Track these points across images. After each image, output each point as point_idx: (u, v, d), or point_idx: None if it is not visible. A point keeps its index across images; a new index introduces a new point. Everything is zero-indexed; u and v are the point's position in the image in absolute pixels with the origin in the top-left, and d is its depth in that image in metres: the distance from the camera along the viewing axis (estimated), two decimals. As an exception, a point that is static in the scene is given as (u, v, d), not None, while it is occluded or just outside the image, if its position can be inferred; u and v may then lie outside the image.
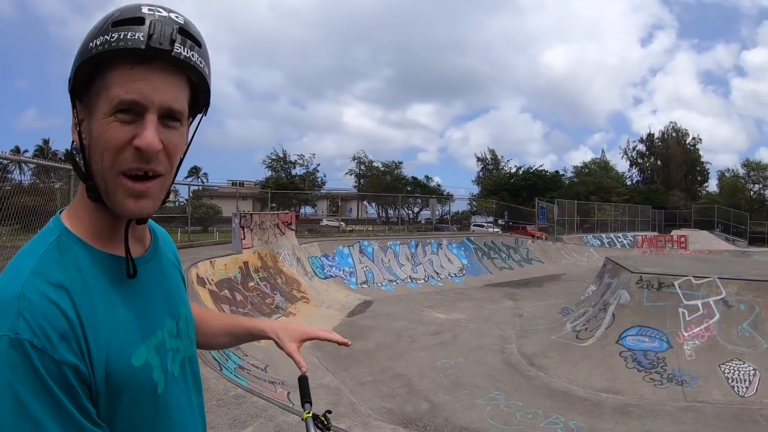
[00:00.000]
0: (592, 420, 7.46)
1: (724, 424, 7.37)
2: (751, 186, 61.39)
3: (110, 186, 1.00)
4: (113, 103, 0.96)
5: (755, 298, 9.59)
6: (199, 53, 1.04)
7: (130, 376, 1.01)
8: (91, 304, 0.99)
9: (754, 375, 8.55)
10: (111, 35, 0.96)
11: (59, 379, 0.89)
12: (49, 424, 0.86)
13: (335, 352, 9.67)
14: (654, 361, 9.10)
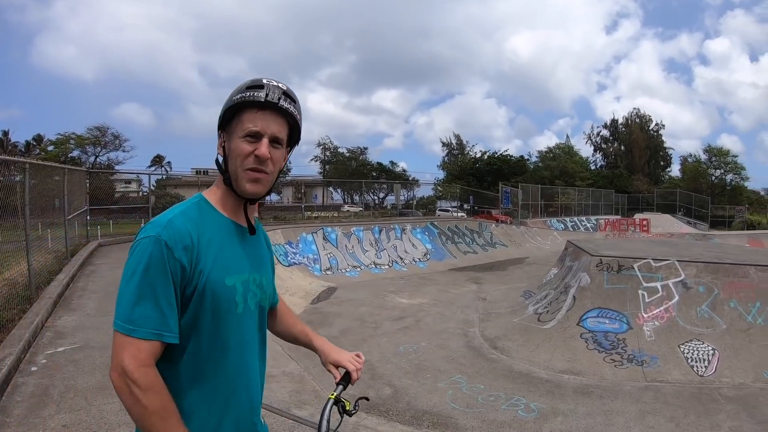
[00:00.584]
0: (552, 401, 7.62)
1: (683, 402, 7.60)
2: (713, 171, 62.99)
3: (239, 176, 1.76)
4: (245, 131, 1.74)
5: (714, 280, 9.88)
6: (294, 107, 1.82)
7: (222, 288, 1.70)
8: (209, 240, 1.70)
9: (713, 355, 8.85)
10: (246, 93, 1.75)
11: (173, 268, 1.59)
12: (159, 289, 1.56)
13: None
14: (614, 343, 9.33)
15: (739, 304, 9.56)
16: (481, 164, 59.79)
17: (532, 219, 36.38)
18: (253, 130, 1.73)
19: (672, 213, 48.26)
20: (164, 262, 1.57)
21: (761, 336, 9.06)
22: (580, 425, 6.81)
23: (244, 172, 1.75)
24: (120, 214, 25.38)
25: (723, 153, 63.34)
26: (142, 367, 1.53)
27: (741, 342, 9.02)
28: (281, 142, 1.81)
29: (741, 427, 6.79)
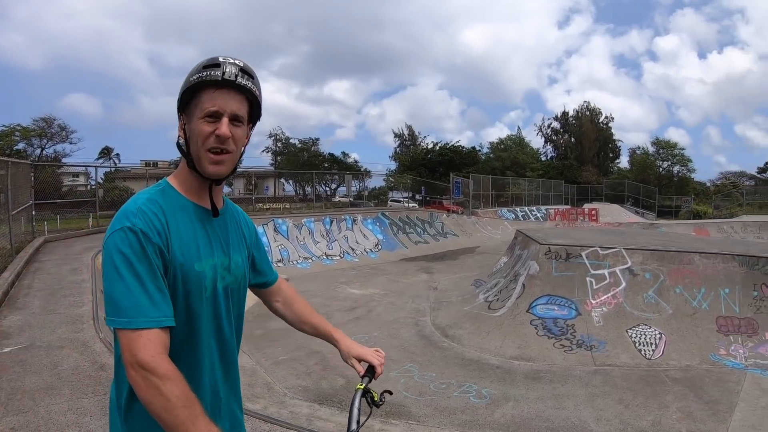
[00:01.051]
0: (504, 386, 7.74)
1: (631, 385, 7.82)
2: (660, 163, 64.68)
3: (201, 158, 1.74)
4: (204, 111, 1.71)
5: (660, 267, 10.19)
6: (252, 83, 1.80)
7: (192, 274, 1.70)
8: (177, 225, 1.71)
9: (660, 339, 9.14)
10: (203, 73, 1.72)
11: (152, 252, 1.58)
12: (144, 276, 1.54)
13: (249, 333, 9.55)
14: (563, 328, 9.53)
15: (684, 290, 9.89)
16: (433, 155, 60.03)
17: (483, 209, 36.75)
18: (211, 110, 1.71)
19: (620, 203, 49.36)
20: (143, 249, 1.57)
21: (706, 320, 9.40)
22: (531, 410, 6.94)
23: (206, 153, 1.73)
24: (67, 208, 24.55)
25: (671, 146, 65.22)
26: (156, 356, 1.49)
27: (687, 326, 9.34)
28: (242, 120, 1.79)
29: (688, 408, 7.02)
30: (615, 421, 6.62)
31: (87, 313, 7.08)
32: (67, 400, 4.46)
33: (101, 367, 5.32)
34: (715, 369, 8.45)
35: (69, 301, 7.68)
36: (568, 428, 6.43)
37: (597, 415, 6.77)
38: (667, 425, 6.52)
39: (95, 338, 6.16)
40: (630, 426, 6.48)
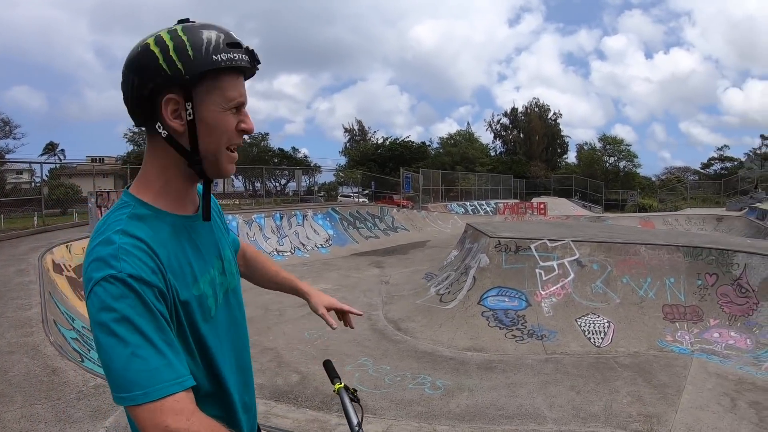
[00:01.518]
0: (458, 377, 7.86)
1: (582, 372, 8.06)
2: (607, 158, 66.19)
3: (220, 157, 1.45)
4: (231, 102, 1.42)
5: (607, 258, 10.53)
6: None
7: (192, 300, 1.43)
8: (167, 254, 1.38)
9: (608, 327, 9.44)
10: (231, 54, 1.38)
11: (153, 299, 1.27)
12: (149, 332, 1.23)
13: None
14: (514, 319, 9.74)
15: (631, 280, 10.24)
16: (383, 150, 60.29)
17: (433, 203, 37.06)
18: (240, 101, 1.44)
19: (568, 197, 50.48)
20: (140, 298, 1.24)
21: (653, 308, 9.77)
22: (486, 399, 7.08)
23: (226, 151, 1.46)
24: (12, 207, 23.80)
25: (617, 142, 66.88)
26: (190, 417, 1.24)
27: (634, 314, 9.68)
28: None
29: (638, 392, 7.28)
30: (567, 407, 6.82)
31: (36, 316, 6.87)
32: (20, 407, 4.36)
33: (53, 371, 5.21)
34: (662, 355, 8.77)
35: (16, 304, 7.42)
36: (522, 415, 6.58)
37: (550, 402, 6.95)
38: (618, 409, 6.75)
39: (45, 342, 6.00)
40: (582, 411, 6.69)
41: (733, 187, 53.24)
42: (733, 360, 8.55)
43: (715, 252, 10.30)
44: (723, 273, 10.01)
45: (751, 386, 7.60)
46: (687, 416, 6.56)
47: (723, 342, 9.02)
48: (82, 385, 4.95)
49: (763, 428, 6.36)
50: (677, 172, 71.90)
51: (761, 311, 9.23)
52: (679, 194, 57.33)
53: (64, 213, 26.32)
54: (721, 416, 6.60)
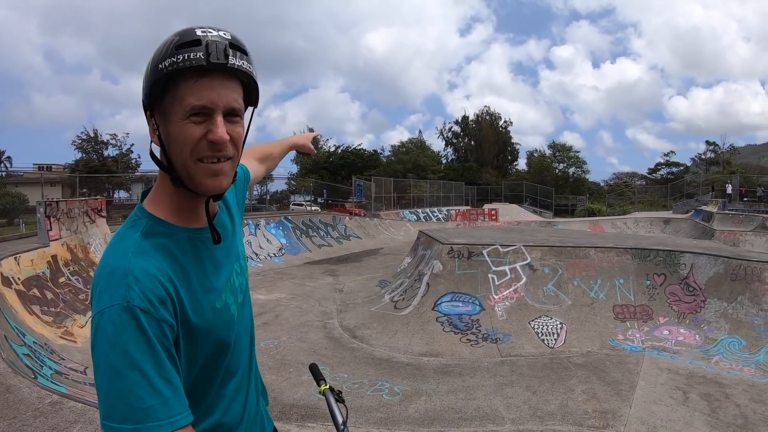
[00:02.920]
0: (415, 383, 7.94)
1: (537, 373, 8.26)
2: (557, 165, 67.61)
3: (191, 172, 1.33)
4: (187, 109, 1.28)
5: (558, 262, 10.82)
6: (247, 60, 1.36)
7: (216, 315, 1.44)
8: (184, 274, 1.37)
9: (561, 328, 9.70)
10: (176, 57, 1.26)
11: (158, 333, 1.23)
12: (149, 369, 1.19)
13: None
14: (469, 324, 9.90)
15: (582, 282, 10.54)
16: (335, 158, 60.20)
17: (386, 211, 37.18)
18: (197, 105, 1.29)
19: (519, 203, 51.21)
20: (145, 332, 1.21)
21: (604, 308, 10.08)
22: (444, 402, 7.18)
23: (197, 164, 1.33)
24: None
25: (566, 149, 68.44)
26: None
27: (586, 315, 9.96)
28: (239, 113, 1.38)
29: (593, 389, 7.53)
30: (524, 407, 6.97)
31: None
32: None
33: (7, 389, 5.13)
34: (614, 353, 9.07)
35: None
36: (481, 417, 6.71)
37: (507, 403, 7.10)
38: (574, 407, 6.94)
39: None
40: (539, 410, 6.85)
41: (679, 190, 54.81)
42: (683, 355, 8.91)
43: (663, 253, 10.69)
44: (671, 273, 10.39)
45: (702, 379, 7.96)
46: (641, 410, 6.81)
47: (673, 339, 9.37)
48: (38, 403, 4.88)
49: (715, 418, 6.65)
50: (625, 177, 73.71)
51: (708, 308, 9.63)
52: (627, 198, 58.80)
53: (10, 223, 25.75)
54: (674, 409, 6.88)
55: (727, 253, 10.76)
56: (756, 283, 9.55)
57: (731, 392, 7.52)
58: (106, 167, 47.20)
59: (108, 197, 34.25)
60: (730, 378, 8.09)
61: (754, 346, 8.83)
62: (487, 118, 73.51)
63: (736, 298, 9.54)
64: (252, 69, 1.38)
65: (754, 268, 9.70)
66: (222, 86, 1.31)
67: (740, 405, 7.09)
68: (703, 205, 39.46)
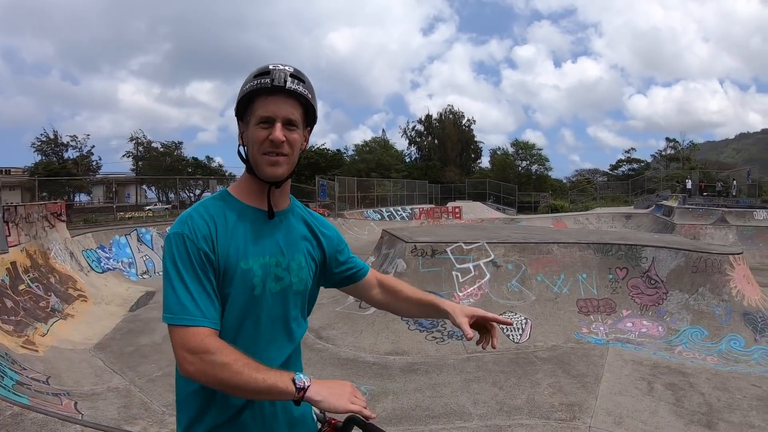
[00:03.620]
0: (382, 382, 7.93)
1: (504, 368, 8.31)
2: (520, 162, 68.33)
3: (258, 161, 1.90)
4: (258, 118, 1.87)
5: (521, 258, 10.91)
6: (303, 86, 1.91)
7: (238, 272, 1.85)
8: (225, 227, 1.87)
9: (525, 323, 9.78)
10: (254, 81, 1.87)
11: (197, 256, 1.78)
12: (188, 278, 1.75)
13: (120, 351, 9.15)
14: (434, 321, 9.88)
15: (545, 278, 10.65)
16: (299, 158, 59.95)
17: (350, 210, 37.14)
18: (264, 116, 1.86)
19: (482, 200, 51.63)
20: (189, 254, 1.77)
21: (568, 303, 10.21)
22: (411, 400, 7.17)
23: (262, 157, 1.89)
24: None
25: (529, 147, 69.28)
26: (204, 339, 1.70)
27: (550, 310, 10.08)
28: (296, 124, 1.91)
29: (559, 383, 7.61)
30: (491, 402, 7.01)
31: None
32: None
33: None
34: (579, 346, 9.20)
35: None
36: (448, 414, 6.72)
37: (474, 399, 7.13)
38: (541, 400, 7.01)
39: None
40: (506, 405, 6.90)
41: (640, 186, 55.84)
42: (647, 347, 9.07)
43: (625, 247, 10.86)
44: (632, 266, 10.57)
45: (666, 369, 8.12)
46: (607, 402, 6.91)
47: (636, 330, 9.53)
48: (-1, 415, 4.76)
49: (680, 407, 6.79)
50: (587, 173, 74.95)
51: (670, 300, 9.82)
52: (589, 195, 59.82)
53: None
54: (639, 399, 7.00)
55: (687, 246, 10.99)
56: (716, 275, 9.77)
57: (695, 381, 7.69)
58: (66, 170, 46.20)
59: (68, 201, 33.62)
60: (694, 367, 8.28)
61: (716, 336, 9.05)
62: (451, 116, 73.89)
63: (697, 289, 9.75)
64: (307, 93, 1.92)
65: (714, 260, 9.93)
66: (283, 103, 1.87)
67: (704, 393, 7.26)
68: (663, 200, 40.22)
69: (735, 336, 8.99)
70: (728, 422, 6.42)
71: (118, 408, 6.61)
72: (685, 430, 6.20)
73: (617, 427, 6.24)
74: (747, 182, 48.08)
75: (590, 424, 6.33)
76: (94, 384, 7.60)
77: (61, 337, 9.48)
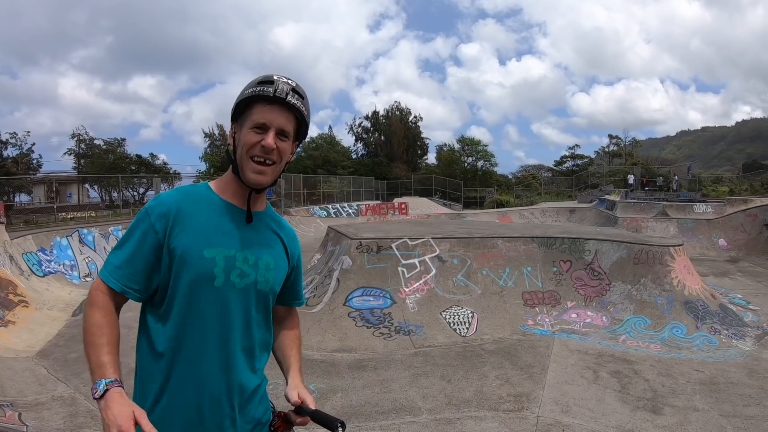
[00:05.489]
0: (330, 380, 7.89)
1: (451, 362, 8.38)
2: (466, 158, 69.09)
3: (244, 164, 1.99)
4: (254, 122, 1.97)
5: (466, 253, 11.03)
6: (302, 103, 2.03)
7: (198, 259, 1.95)
8: (192, 213, 1.99)
9: (472, 317, 9.89)
10: (257, 88, 1.97)
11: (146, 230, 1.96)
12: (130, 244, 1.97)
13: (63, 358, 8.74)
14: (381, 317, 9.94)
15: (491, 272, 10.81)
16: (245, 155, 59.24)
17: (296, 207, 36.92)
18: (260, 122, 1.96)
19: (429, 196, 52.05)
20: (140, 225, 1.97)
21: (513, 296, 10.37)
22: (360, 397, 7.15)
23: (249, 161, 1.99)
24: None
25: (475, 143, 70.16)
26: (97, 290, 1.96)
27: (496, 303, 10.21)
28: (288, 135, 2.04)
29: (506, 374, 7.72)
30: (440, 396, 7.05)
31: None
32: None
33: None
34: (525, 338, 9.34)
35: None
36: (398, 409, 6.72)
37: (423, 393, 7.15)
38: (489, 392, 7.08)
39: None
40: (455, 398, 6.94)
41: (584, 181, 57.08)
42: (591, 336, 9.28)
43: (568, 241, 11.09)
44: (576, 259, 10.80)
45: (611, 358, 8.33)
46: (554, 391, 7.03)
47: (581, 321, 9.74)
48: None
49: (625, 394, 6.97)
50: (532, 169, 76.12)
51: (613, 291, 10.08)
52: (534, 190, 60.84)
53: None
54: (585, 388, 7.15)
55: (629, 238, 11.28)
56: (658, 266, 10.06)
57: (639, 368, 7.90)
58: (6, 169, 44.60)
59: (8, 201, 32.53)
60: (638, 355, 8.50)
61: (658, 324, 9.32)
62: (397, 113, 74.13)
63: (640, 280, 10.02)
64: (304, 109, 2.04)
65: (655, 252, 10.21)
66: (279, 113, 1.98)
67: (649, 380, 7.46)
68: (606, 194, 41.18)
69: (677, 324, 9.28)
70: (673, 407, 6.61)
71: (63, 417, 6.42)
72: (632, 415, 6.35)
73: (565, 416, 6.35)
74: (687, 177, 49.76)
75: (538, 413, 6.42)
76: (38, 393, 7.36)
77: (3, 345, 9.16)
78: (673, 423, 6.19)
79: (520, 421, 6.27)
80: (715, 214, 25.77)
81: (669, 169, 56.87)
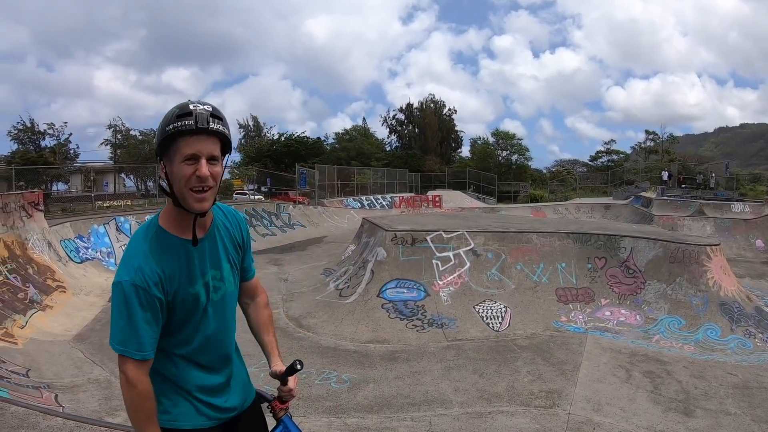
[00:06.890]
0: (362, 370, 7.97)
1: (484, 356, 8.41)
2: (500, 152, 68.43)
3: (185, 196, 2.06)
4: (183, 155, 2.01)
5: (501, 247, 11.01)
6: (222, 124, 2.09)
7: (189, 295, 2.17)
8: (171, 267, 2.12)
9: (505, 312, 9.89)
10: (177, 123, 2.00)
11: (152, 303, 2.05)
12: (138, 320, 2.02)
13: (99, 342, 9.00)
14: (414, 310, 9.99)
15: (525, 267, 10.77)
16: (279, 146, 59.25)
17: (330, 199, 36.96)
18: (189, 154, 2.01)
19: (462, 190, 51.66)
20: (141, 300, 2.02)
21: (547, 292, 10.33)
22: (392, 388, 7.23)
23: (189, 191, 2.05)
24: None
25: (509, 137, 69.35)
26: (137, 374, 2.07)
27: (530, 298, 10.19)
28: (217, 158, 2.10)
29: (538, 370, 7.73)
30: (472, 389, 7.09)
31: None
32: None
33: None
34: (558, 335, 9.32)
35: None
36: (429, 402, 6.78)
37: (455, 386, 7.20)
38: (521, 387, 7.11)
39: None
40: (486, 392, 6.98)
41: (619, 177, 56.24)
42: (625, 335, 9.22)
43: (603, 237, 11.00)
44: (611, 256, 10.71)
45: (644, 358, 8.27)
46: (586, 389, 7.02)
47: (615, 319, 9.67)
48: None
49: (657, 394, 6.92)
50: (567, 164, 75.24)
51: (648, 289, 9.97)
52: (568, 185, 60.15)
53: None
54: (618, 387, 7.13)
55: (665, 236, 11.17)
56: (694, 265, 9.93)
57: (672, 369, 7.85)
58: (44, 158, 45.44)
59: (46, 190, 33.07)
60: (671, 356, 8.44)
61: (693, 325, 9.21)
62: (431, 105, 73.78)
63: (675, 279, 9.90)
64: (225, 130, 2.11)
65: (691, 251, 10.08)
66: (205, 141, 2.03)
67: (681, 381, 7.42)
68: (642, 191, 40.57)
69: (711, 326, 9.16)
70: (705, 409, 6.55)
71: (98, 400, 6.56)
72: (663, 417, 6.32)
73: (596, 414, 6.34)
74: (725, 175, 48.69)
75: (570, 411, 6.43)
76: (75, 376, 7.54)
77: (41, 329, 9.36)
78: (705, 426, 6.15)
79: (551, 418, 6.28)
80: (752, 214, 25.15)
81: (706, 167, 55.78)
